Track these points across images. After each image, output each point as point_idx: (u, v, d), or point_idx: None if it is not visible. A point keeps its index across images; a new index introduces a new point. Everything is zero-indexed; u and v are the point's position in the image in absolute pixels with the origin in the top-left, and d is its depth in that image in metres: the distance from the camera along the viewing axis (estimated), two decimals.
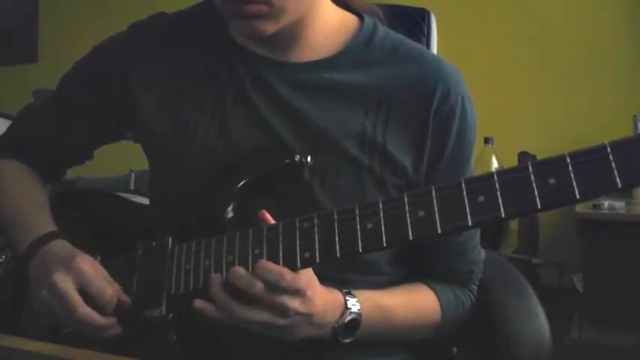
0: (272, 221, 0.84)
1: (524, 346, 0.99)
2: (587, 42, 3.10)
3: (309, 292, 0.81)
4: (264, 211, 0.85)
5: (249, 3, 0.84)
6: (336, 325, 0.85)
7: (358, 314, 0.87)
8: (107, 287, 0.88)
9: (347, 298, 0.87)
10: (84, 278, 0.88)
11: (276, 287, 0.79)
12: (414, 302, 0.96)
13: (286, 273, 0.79)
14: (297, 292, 0.80)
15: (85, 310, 0.86)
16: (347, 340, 0.87)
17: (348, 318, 0.86)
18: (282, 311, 0.80)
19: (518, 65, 3.21)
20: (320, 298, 0.83)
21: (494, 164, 2.63)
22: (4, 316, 1.05)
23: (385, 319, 0.91)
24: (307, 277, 0.81)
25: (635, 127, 2.74)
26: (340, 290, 0.87)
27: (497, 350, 1.00)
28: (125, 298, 0.89)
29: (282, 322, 0.81)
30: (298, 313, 0.81)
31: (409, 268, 1.00)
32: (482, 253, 1.02)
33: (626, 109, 2.85)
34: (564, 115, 3.11)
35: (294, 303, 0.80)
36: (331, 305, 0.85)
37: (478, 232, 1.00)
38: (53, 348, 0.74)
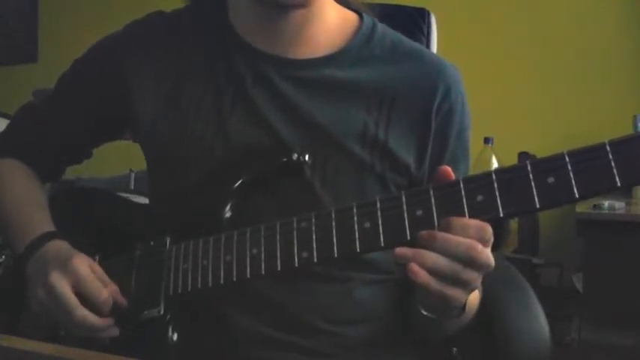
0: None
1: (524, 346, 0.99)
2: (587, 42, 3.09)
3: None
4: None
5: None
6: None
7: None
8: (103, 289, 0.88)
9: None
10: (80, 280, 0.87)
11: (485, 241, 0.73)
12: None
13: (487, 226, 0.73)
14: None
15: (81, 311, 0.86)
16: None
17: None
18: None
19: (518, 65, 3.20)
20: None
21: (494, 164, 2.63)
22: (4, 315, 1.05)
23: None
24: None
25: (635, 127, 2.73)
26: None
27: (497, 350, 1.00)
28: (121, 299, 0.89)
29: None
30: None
31: None
32: None
33: (626, 109, 2.84)
34: (564, 115, 3.10)
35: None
36: None
37: None
38: (53, 348, 0.74)
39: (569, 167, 0.67)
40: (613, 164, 0.65)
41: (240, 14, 0.97)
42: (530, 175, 0.69)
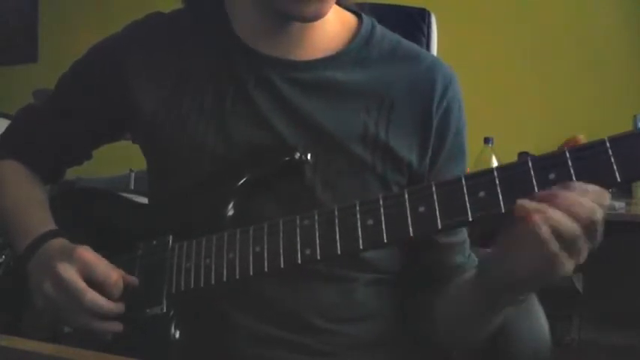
0: None
1: (524, 346, 0.99)
2: (587, 42, 3.10)
3: None
4: None
5: None
6: None
7: None
8: (112, 271, 0.88)
9: None
10: (88, 266, 0.87)
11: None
12: None
13: None
14: None
15: (92, 295, 0.86)
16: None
17: None
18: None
19: (518, 65, 3.21)
20: None
21: (494, 164, 2.62)
22: (4, 316, 1.05)
23: None
24: None
25: (635, 126, 2.73)
26: None
27: (498, 350, 1.00)
28: (132, 279, 0.89)
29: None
30: None
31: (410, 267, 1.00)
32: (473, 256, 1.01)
33: (626, 109, 2.85)
34: (564, 115, 3.11)
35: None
36: None
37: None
38: (53, 348, 0.74)
39: (570, 163, 0.68)
40: (613, 160, 0.66)
41: (239, 16, 0.97)
42: (532, 171, 0.69)
